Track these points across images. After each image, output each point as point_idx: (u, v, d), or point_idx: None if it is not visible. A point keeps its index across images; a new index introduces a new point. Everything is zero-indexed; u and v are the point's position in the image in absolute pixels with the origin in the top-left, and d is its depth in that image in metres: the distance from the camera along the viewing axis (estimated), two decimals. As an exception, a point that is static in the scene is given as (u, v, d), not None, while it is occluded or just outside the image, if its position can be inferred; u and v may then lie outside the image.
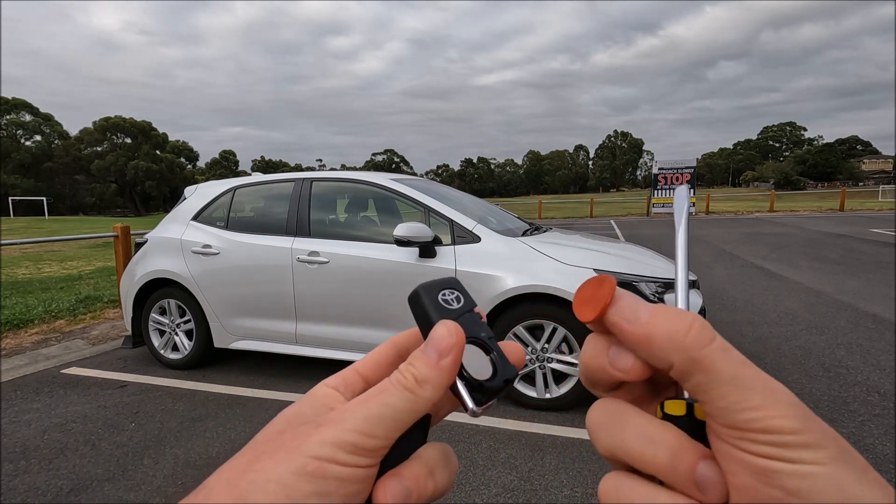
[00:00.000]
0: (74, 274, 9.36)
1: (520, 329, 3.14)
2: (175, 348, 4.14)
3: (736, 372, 0.21)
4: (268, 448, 0.23)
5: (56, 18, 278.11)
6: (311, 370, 3.92)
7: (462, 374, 0.26)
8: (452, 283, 0.30)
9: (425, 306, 0.29)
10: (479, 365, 0.27)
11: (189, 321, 4.04)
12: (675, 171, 22.38)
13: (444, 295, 0.29)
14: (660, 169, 22.58)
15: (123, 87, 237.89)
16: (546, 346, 3.11)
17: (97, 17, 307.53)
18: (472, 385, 0.27)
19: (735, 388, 0.20)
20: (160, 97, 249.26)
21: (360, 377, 0.28)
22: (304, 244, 3.67)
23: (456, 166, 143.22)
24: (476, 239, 3.34)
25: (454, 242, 3.36)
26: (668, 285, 3.13)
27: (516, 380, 0.28)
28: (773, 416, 0.19)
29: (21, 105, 68.41)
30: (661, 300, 3.02)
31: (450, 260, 3.28)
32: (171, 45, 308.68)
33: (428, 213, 3.55)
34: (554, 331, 3.09)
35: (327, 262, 3.55)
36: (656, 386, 0.27)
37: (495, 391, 0.27)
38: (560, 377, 3.15)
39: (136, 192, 72.60)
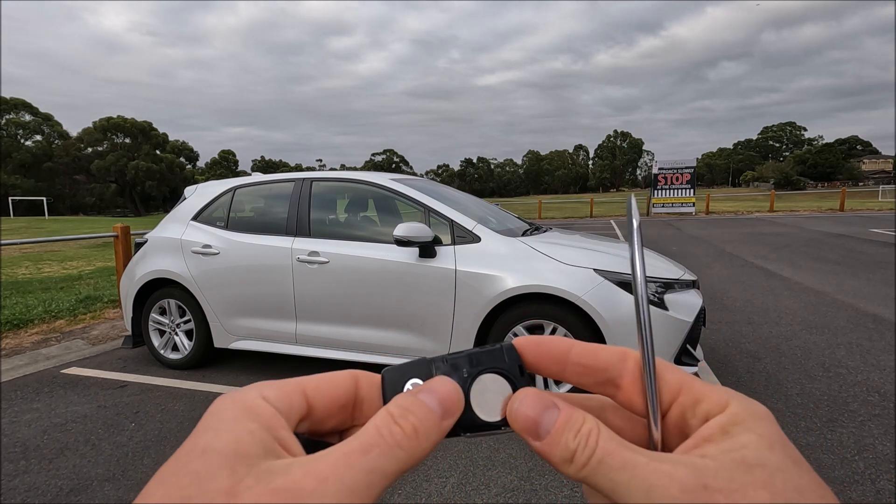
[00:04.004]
0: (74, 274, 9.36)
1: (520, 329, 3.14)
2: (175, 348, 4.14)
3: (613, 484, 0.21)
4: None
5: (63, 19, 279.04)
6: (311, 370, 3.92)
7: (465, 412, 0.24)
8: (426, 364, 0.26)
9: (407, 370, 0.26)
10: (491, 401, 0.25)
11: (189, 321, 4.04)
12: (675, 171, 22.39)
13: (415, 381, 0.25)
14: (660, 169, 22.58)
15: (126, 88, 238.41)
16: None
17: (106, 18, 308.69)
18: (468, 425, 0.25)
19: (617, 498, 0.21)
20: (162, 97, 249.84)
21: (307, 403, 0.23)
22: (304, 244, 3.67)
23: (456, 166, 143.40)
24: (476, 239, 3.34)
25: (454, 242, 3.36)
26: (669, 285, 3.13)
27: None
28: None
29: (21, 105, 68.41)
30: (661, 300, 3.02)
31: (450, 260, 3.28)
32: (174, 46, 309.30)
33: (428, 213, 3.55)
34: (554, 331, 3.09)
35: (327, 262, 3.55)
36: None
37: (493, 428, 0.25)
38: (560, 377, 3.14)
39: (136, 192, 72.61)
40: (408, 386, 0.25)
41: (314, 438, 0.24)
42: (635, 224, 0.25)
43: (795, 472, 0.20)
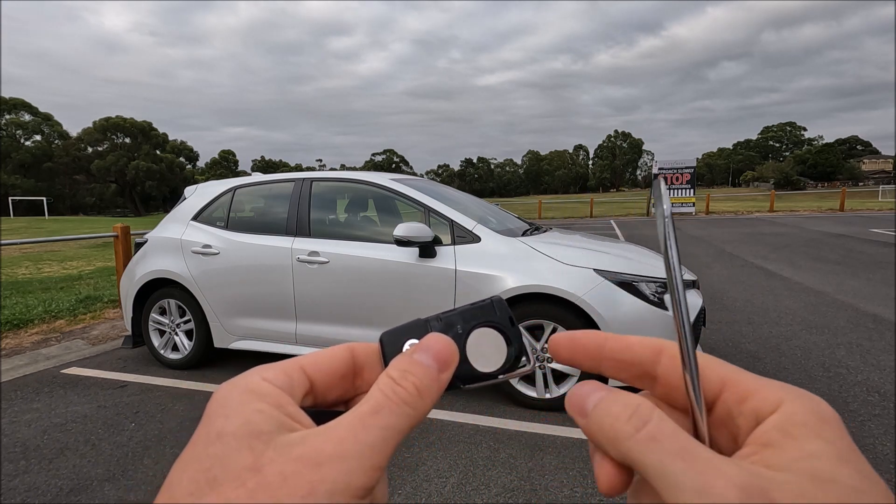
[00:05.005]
0: (74, 274, 9.36)
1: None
2: (175, 348, 4.13)
3: (663, 467, 0.19)
4: (248, 483, 0.18)
5: (64, 19, 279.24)
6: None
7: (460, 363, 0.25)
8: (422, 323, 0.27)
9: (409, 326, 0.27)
10: (487, 353, 0.26)
11: (189, 321, 4.04)
12: (675, 171, 22.39)
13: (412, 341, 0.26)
14: (660, 169, 22.58)
15: (127, 88, 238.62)
16: (546, 346, 3.11)
17: (107, 18, 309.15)
18: (466, 377, 0.26)
19: (663, 485, 0.19)
20: (162, 97, 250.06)
21: (307, 378, 0.24)
22: (304, 244, 3.67)
23: (456, 166, 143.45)
24: (476, 239, 3.34)
25: (454, 242, 3.36)
26: (668, 285, 3.13)
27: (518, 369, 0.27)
28: None
29: (20, 105, 68.40)
30: (661, 300, 3.02)
31: (450, 260, 3.28)
32: (174, 46, 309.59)
33: (428, 213, 3.55)
34: (554, 331, 3.09)
35: (327, 262, 3.55)
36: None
37: (486, 378, 0.26)
38: (560, 377, 3.15)
39: (136, 192, 72.63)
40: (406, 346, 0.26)
41: (321, 410, 0.25)
42: (666, 210, 0.22)
43: (871, 492, 0.18)
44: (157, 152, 73.67)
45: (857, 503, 0.17)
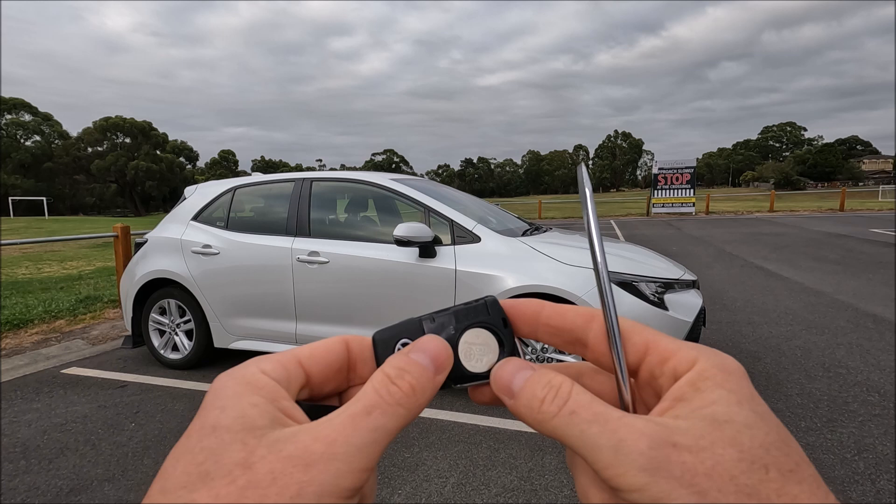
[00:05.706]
0: (74, 274, 9.36)
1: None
2: (175, 348, 4.14)
3: (583, 434, 0.21)
4: (238, 480, 0.19)
5: (66, 19, 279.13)
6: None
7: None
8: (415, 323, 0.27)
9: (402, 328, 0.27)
10: (479, 354, 0.26)
11: (189, 321, 4.04)
12: (675, 171, 22.38)
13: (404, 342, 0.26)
14: (660, 169, 22.58)
15: (128, 88, 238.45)
16: (546, 346, 3.11)
17: (109, 19, 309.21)
18: (458, 377, 0.26)
19: (585, 450, 0.21)
20: (163, 97, 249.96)
21: (304, 371, 0.24)
22: (304, 244, 3.67)
23: (456, 166, 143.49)
24: (476, 239, 3.34)
25: (454, 242, 3.36)
26: (669, 285, 3.13)
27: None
28: (619, 473, 0.19)
29: (20, 105, 68.41)
30: (661, 300, 3.02)
31: (450, 260, 3.28)
32: (176, 46, 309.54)
33: (428, 213, 3.55)
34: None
35: (327, 262, 3.56)
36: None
37: (477, 378, 0.26)
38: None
39: (136, 192, 72.66)
40: (398, 346, 0.26)
41: (315, 403, 0.25)
42: (588, 192, 0.25)
43: (763, 428, 0.20)
44: (157, 152, 73.70)
45: (749, 437, 0.19)
